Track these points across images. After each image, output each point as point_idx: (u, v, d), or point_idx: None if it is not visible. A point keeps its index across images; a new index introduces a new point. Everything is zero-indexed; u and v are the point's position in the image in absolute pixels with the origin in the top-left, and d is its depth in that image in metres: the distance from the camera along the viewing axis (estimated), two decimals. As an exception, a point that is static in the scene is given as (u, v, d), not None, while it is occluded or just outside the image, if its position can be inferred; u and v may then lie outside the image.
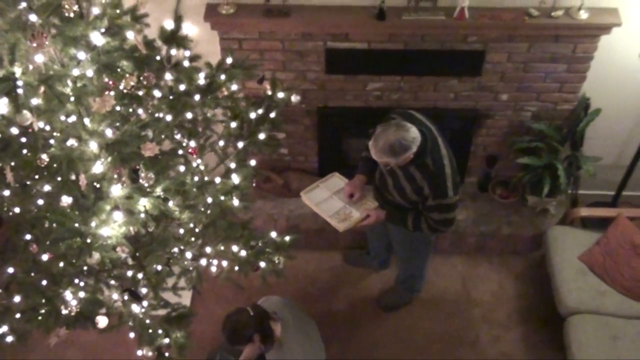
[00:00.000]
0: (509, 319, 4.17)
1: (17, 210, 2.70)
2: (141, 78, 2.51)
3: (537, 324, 4.12)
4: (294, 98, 3.28)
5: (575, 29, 3.62)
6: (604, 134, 4.23)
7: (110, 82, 2.35)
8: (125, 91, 2.35)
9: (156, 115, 2.64)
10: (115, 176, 2.42)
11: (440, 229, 3.30)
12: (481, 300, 4.27)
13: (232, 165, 3.14)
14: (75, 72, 2.19)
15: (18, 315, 2.85)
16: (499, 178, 4.55)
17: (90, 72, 2.20)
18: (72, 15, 2.10)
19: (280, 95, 3.23)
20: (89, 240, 2.38)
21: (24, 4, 2.03)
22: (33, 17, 2.04)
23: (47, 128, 2.32)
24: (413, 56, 3.83)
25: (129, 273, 2.92)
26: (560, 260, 3.96)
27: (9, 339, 2.90)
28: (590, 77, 3.94)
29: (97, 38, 2.17)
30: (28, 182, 2.52)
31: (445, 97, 4.07)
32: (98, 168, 2.29)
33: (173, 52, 2.77)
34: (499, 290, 4.33)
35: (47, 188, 2.47)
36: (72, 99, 2.21)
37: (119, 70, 2.28)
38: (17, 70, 2.01)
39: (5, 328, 2.88)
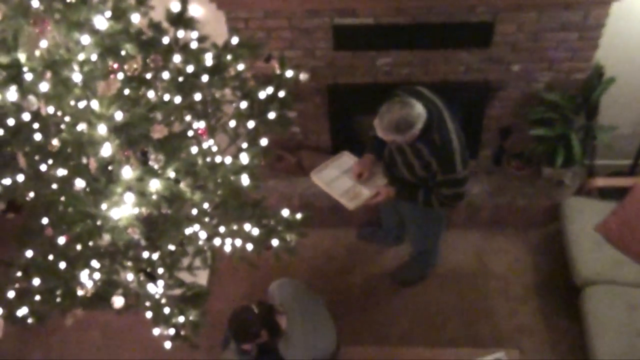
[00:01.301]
0: (525, 291, 4.17)
1: (32, 194, 2.76)
2: (148, 60, 2.54)
3: (554, 295, 4.12)
4: (303, 76, 3.27)
5: (585, -4, 3.58)
6: (619, 102, 4.18)
7: (116, 66, 2.38)
8: (129, 74, 2.37)
9: (165, 97, 2.67)
10: (125, 159, 2.46)
11: (451, 204, 3.31)
12: (497, 274, 4.28)
13: (244, 145, 3.17)
14: (80, 56, 2.22)
15: (37, 297, 2.93)
16: (513, 150, 4.52)
17: (94, 56, 2.23)
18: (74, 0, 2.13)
19: (289, 73, 3.23)
20: (99, 223, 2.43)
21: (26, -10, 2.07)
22: (35, 3, 2.07)
23: (58, 113, 2.36)
24: (421, 30, 3.80)
25: (144, 254, 2.97)
26: (576, 231, 3.95)
27: (29, 320, 2.98)
28: (603, 45, 3.88)
29: (101, 22, 2.20)
30: (42, 167, 2.57)
31: (456, 70, 4.04)
32: (107, 151, 2.33)
33: (180, 33, 2.79)
34: (515, 263, 4.34)
35: (60, 172, 2.51)
36: (79, 83, 2.25)
37: (123, 53, 2.31)
38: (22, 57, 2.05)
39: (25, 310, 2.95)
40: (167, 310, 3.05)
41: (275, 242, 3.28)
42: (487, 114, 4.34)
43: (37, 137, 2.41)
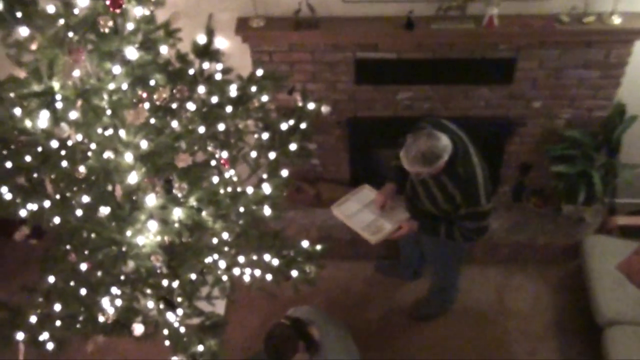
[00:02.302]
0: (545, 330, 4.13)
1: (57, 221, 2.80)
2: (174, 91, 2.60)
3: (575, 335, 4.08)
4: (324, 109, 3.31)
5: (607, 35, 3.61)
6: (642, 141, 4.19)
7: (144, 95, 2.44)
8: (158, 104, 2.43)
9: (189, 127, 2.72)
10: (150, 187, 2.51)
11: (474, 237, 3.32)
12: (516, 311, 4.25)
13: (264, 176, 3.21)
14: (111, 85, 2.28)
15: (58, 323, 2.96)
16: (533, 187, 4.53)
17: (124, 86, 2.29)
18: (107, 31, 2.20)
19: (311, 106, 3.27)
20: (124, 249, 2.47)
21: (61, 21, 2.14)
22: (70, 34, 2.15)
23: (85, 140, 2.42)
24: (442, 65, 3.86)
25: (164, 282, 3.00)
26: (598, 270, 3.91)
27: (50, 345, 3.00)
28: (625, 83, 3.91)
29: (132, 52, 2.26)
30: (67, 194, 2.62)
31: (476, 105, 4.08)
32: (133, 179, 2.38)
33: (206, 65, 2.85)
34: (534, 301, 4.30)
35: (85, 199, 2.55)
36: (108, 111, 2.31)
37: (152, 83, 2.37)
38: (56, 85, 2.12)
39: (46, 335, 2.98)
40: (185, 339, 3.06)
41: (294, 273, 3.30)
42: (506, 150, 4.37)
43: (64, 164, 2.46)
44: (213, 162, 2.94)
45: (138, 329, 2.94)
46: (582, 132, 4.08)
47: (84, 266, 2.77)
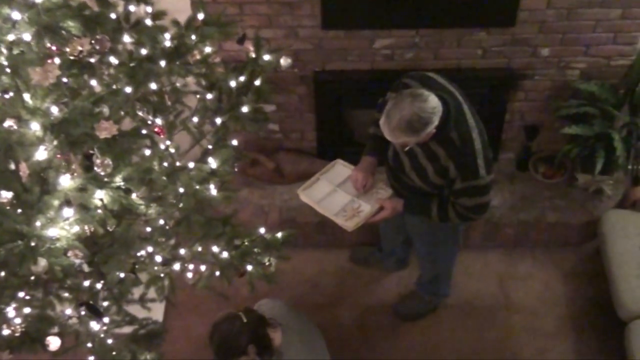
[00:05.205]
0: (557, 326, 4.20)
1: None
2: (92, 42, 2.53)
3: (593, 331, 4.16)
4: (284, 61, 3.29)
5: (630, -35, 3.63)
6: (671, 95, 4.23)
7: (54, 48, 2.37)
8: (72, 58, 2.37)
9: (113, 87, 2.67)
10: (64, 164, 2.45)
11: (472, 216, 3.31)
12: (523, 305, 4.31)
13: (210, 147, 3.17)
14: (10, 36, 2.21)
15: (-48, 340, 2.90)
16: (541, 153, 4.57)
17: (27, 36, 2.22)
18: (2, -34, 2.12)
19: (267, 57, 3.24)
20: (33, 244, 2.41)
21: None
22: (-46, -30, 2.07)
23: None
24: (430, 4, 3.82)
25: (86, 283, 2.95)
26: (620, 252, 3.99)
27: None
28: (651, 24, 3.94)
29: (37, -7, 2.20)
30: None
31: (472, 54, 4.08)
32: (42, 154, 2.32)
33: (132, 8, 2.79)
34: (544, 292, 4.37)
35: (-19, 181, 2.49)
36: (7, 70, 2.24)
37: (63, 32, 2.30)
38: (-63, 37, 2.04)
39: (-63, 356, 2.93)
40: (114, 352, 3.03)
41: (250, 268, 3.27)
42: (509, 109, 4.39)
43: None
44: (144, 131, 2.88)
45: (54, 342, 2.88)
46: (600, 86, 4.10)
47: (-20, 267, 2.71)
